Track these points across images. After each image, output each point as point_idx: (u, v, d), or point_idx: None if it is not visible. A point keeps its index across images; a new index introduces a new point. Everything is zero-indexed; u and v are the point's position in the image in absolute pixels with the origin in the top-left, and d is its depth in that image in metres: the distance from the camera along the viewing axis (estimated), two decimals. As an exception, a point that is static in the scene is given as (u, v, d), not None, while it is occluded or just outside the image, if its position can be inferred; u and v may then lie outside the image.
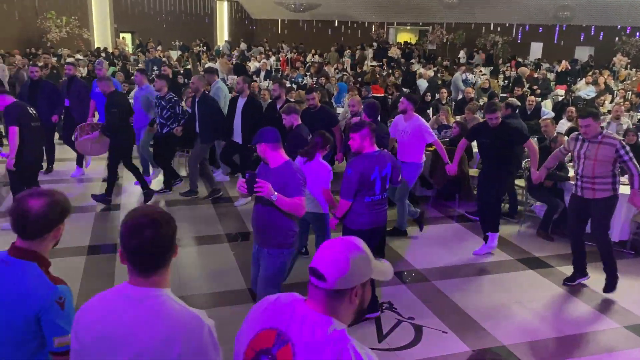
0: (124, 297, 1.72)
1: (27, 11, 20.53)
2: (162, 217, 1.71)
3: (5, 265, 2.05)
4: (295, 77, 15.05)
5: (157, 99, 7.46)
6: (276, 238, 3.70)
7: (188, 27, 26.66)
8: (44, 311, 2.00)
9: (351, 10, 25.86)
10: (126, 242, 1.68)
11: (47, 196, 2.07)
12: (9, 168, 5.77)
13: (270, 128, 3.66)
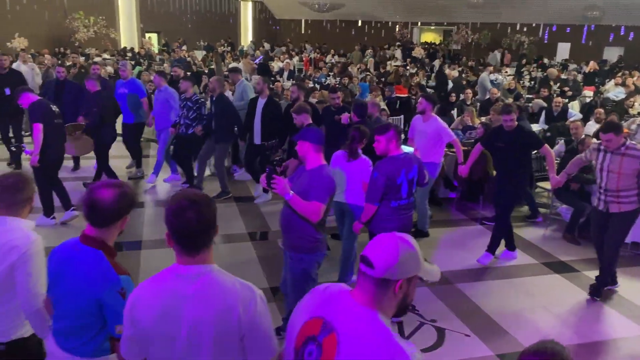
0: (177, 276, 1.83)
1: (57, 11, 20.94)
2: (202, 199, 1.84)
3: (76, 251, 2.22)
4: (318, 77, 15.05)
5: (183, 100, 7.54)
6: (295, 241, 3.68)
7: (213, 27, 26.87)
8: (106, 298, 2.15)
9: (375, 10, 25.75)
10: (170, 224, 1.81)
11: (116, 187, 2.21)
12: (33, 165, 5.88)
13: (318, 129, 3.63)
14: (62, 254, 2.27)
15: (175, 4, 25.55)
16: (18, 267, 2.42)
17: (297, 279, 3.74)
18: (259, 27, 29.77)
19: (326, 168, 3.60)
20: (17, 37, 18.16)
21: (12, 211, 2.55)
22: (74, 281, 2.19)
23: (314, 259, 3.71)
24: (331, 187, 3.54)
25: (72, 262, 2.21)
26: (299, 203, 3.47)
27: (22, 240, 2.45)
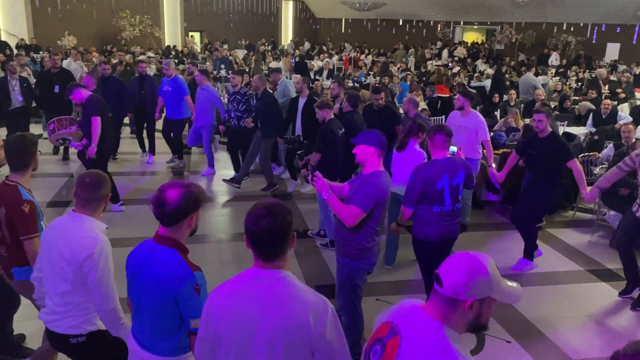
0: (254, 279, 1.89)
1: (104, 10, 21.55)
2: (279, 209, 1.89)
3: (151, 251, 2.29)
4: (358, 77, 14.99)
5: (232, 94, 7.88)
6: (342, 245, 3.64)
7: (254, 26, 27.15)
8: (182, 294, 2.20)
9: (418, 9, 25.47)
10: (248, 230, 1.88)
11: (183, 187, 2.27)
12: (91, 156, 6.12)
13: (381, 133, 3.52)
14: (137, 255, 2.34)
15: (218, 4, 25.92)
16: (88, 269, 2.53)
17: (341, 283, 3.71)
18: (300, 26, 29.90)
19: (381, 175, 3.45)
20: (66, 36, 18.78)
21: (88, 209, 2.64)
22: (150, 280, 2.25)
23: (359, 266, 3.61)
24: (380, 195, 3.41)
25: (148, 261, 2.28)
26: (335, 204, 3.44)
27: (90, 241, 2.55)
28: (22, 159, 3.11)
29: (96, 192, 2.63)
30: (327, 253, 5.78)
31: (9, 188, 3.07)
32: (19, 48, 17.22)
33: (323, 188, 3.43)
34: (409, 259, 5.55)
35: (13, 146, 3.11)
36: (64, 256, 2.57)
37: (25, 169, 3.13)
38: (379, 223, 3.55)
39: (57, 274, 2.61)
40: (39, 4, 19.52)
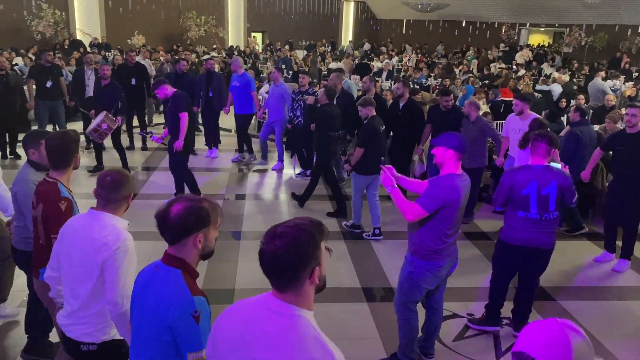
0: (266, 308, 1.64)
1: (171, 11, 22.30)
2: (300, 233, 1.59)
3: (156, 270, 2.09)
4: (419, 78, 14.80)
5: (299, 94, 8.15)
6: (411, 244, 3.62)
7: (315, 27, 27.34)
8: (178, 321, 1.95)
9: (482, 10, 24.86)
10: (260, 249, 1.61)
11: (189, 202, 2.05)
12: (178, 149, 6.48)
13: (462, 136, 3.52)
14: (145, 273, 2.14)
15: (280, 5, 26.28)
16: (108, 266, 2.41)
17: (402, 279, 3.69)
18: (360, 27, 29.85)
19: (455, 179, 3.41)
20: (136, 35, 19.56)
21: (109, 209, 2.52)
22: (152, 303, 2.03)
23: (426, 267, 3.56)
24: (448, 197, 3.37)
25: (152, 281, 2.07)
26: (398, 199, 3.50)
27: (113, 238, 2.43)
28: (63, 157, 3.04)
29: (117, 192, 2.51)
30: (383, 256, 5.74)
31: (49, 185, 3.01)
32: (92, 47, 18.09)
33: (388, 182, 3.54)
34: (467, 267, 5.43)
35: (54, 143, 3.04)
36: (82, 258, 2.47)
37: (66, 167, 3.07)
38: (450, 227, 3.48)
39: (74, 277, 2.53)
40: (112, 5, 20.44)
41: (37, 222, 3.03)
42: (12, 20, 18.05)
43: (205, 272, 5.10)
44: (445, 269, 3.61)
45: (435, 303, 3.81)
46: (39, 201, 3.01)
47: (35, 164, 3.46)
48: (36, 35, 18.01)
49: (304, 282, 1.60)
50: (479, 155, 6.60)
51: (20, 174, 3.47)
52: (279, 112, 8.56)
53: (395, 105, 7.39)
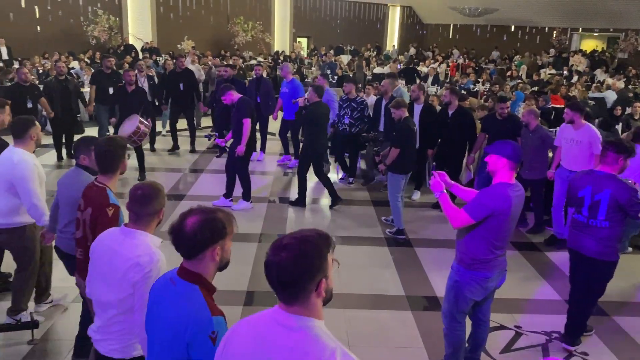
0: (276, 323, 1.60)
1: (220, 17, 22.76)
2: (306, 245, 1.56)
3: (171, 284, 2.01)
4: (466, 84, 14.59)
5: (346, 101, 8.14)
6: (458, 252, 3.58)
7: (360, 32, 27.35)
8: (195, 340, 1.89)
9: (532, 15, 24.27)
10: (266, 261, 1.58)
11: (204, 214, 1.98)
12: (240, 154, 6.69)
13: (518, 146, 3.46)
14: (159, 286, 2.08)
15: (326, 10, 26.42)
16: (139, 287, 2.37)
17: (448, 288, 3.65)
18: (405, 31, 29.66)
19: (506, 188, 3.34)
20: (185, 40, 20.05)
21: (141, 223, 2.47)
22: (165, 317, 1.97)
23: (471, 277, 3.49)
24: (496, 206, 3.29)
25: (167, 296, 2.00)
26: (446, 204, 3.49)
27: (146, 259, 2.38)
28: (109, 163, 3.08)
29: (147, 206, 2.45)
30: (428, 264, 5.68)
31: (98, 190, 3.04)
32: (144, 51, 18.66)
33: (437, 187, 3.55)
34: (515, 278, 5.31)
35: (101, 148, 3.08)
36: (113, 275, 2.43)
37: (113, 172, 3.10)
38: (499, 237, 3.40)
39: (104, 293, 2.50)
40: (163, 10, 21.04)
41: (85, 225, 3.04)
42: (69, 26, 18.84)
43: (250, 275, 5.18)
44: (493, 281, 3.52)
45: (482, 315, 3.73)
46: (87, 205, 3.04)
47: (87, 168, 3.54)
48: (91, 40, 18.72)
49: (311, 295, 1.58)
50: (539, 165, 6.40)
51: (76, 178, 3.51)
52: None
53: (444, 112, 7.32)
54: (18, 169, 3.87)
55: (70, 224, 3.50)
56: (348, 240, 6.24)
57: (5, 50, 15.91)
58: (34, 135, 4.04)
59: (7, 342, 4.01)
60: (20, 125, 4.01)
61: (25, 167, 3.88)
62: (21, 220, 4.08)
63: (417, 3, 28.71)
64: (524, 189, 3.50)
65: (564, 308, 4.39)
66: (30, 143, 4.04)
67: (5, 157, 4.00)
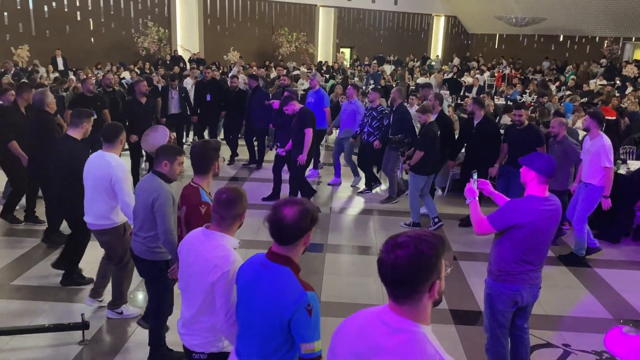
0: (382, 322, 1.63)
1: (265, 28, 23.16)
2: (422, 243, 1.56)
3: (264, 268, 2.20)
4: (512, 95, 14.32)
5: (369, 110, 8.13)
6: (489, 264, 3.54)
7: (404, 42, 27.30)
8: (294, 316, 2.10)
9: (582, 24, 23.63)
10: (379, 258, 1.61)
11: (299, 205, 2.17)
12: (301, 163, 6.93)
13: (550, 159, 3.42)
14: (250, 271, 2.26)
15: (369, 21, 26.51)
16: (218, 288, 2.48)
17: (484, 302, 3.61)
18: (450, 41, 29.40)
19: (533, 201, 3.30)
20: (231, 51, 20.49)
21: (223, 226, 2.58)
22: (262, 299, 2.17)
23: (500, 289, 3.45)
24: (518, 219, 3.27)
25: (260, 279, 2.19)
26: (474, 210, 3.50)
27: (222, 260, 2.48)
28: (203, 164, 3.28)
29: (231, 210, 2.56)
30: (471, 277, 5.58)
31: (192, 189, 3.27)
32: (191, 62, 19.16)
33: (471, 193, 3.55)
34: (563, 294, 5.16)
35: (196, 150, 3.29)
36: (195, 275, 2.57)
37: (205, 173, 3.29)
38: (527, 250, 3.33)
39: (190, 291, 2.65)
40: (210, 23, 21.58)
41: (181, 223, 3.30)
42: (121, 38, 19.57)
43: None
44: (522, 295, 3.44)
45: (518, 331, 3.65)
46: (183, 203, 3.30)
47: (163, 176, 3.61)
48: (141, 51, 19.37)
49: (424, 296, 1.57)
50: (561, 177, 6.18)
51: (151, 183, 3.58)
52: (351, 128, 8.55)
53: (469, 122, 7.28)
54: (116, 171, 4.13)
55: (142, 229, 3.67)
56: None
57: (61, 60, 16.66)
58: (123, 140, 4.35)
59: (58, 342, 4.17)
60: (112, 131, 4.29)
61: (122, 169, 4.17)
62: (119, 219, 4.34)
63: (463, 13, 28.44)
64: (559, 204, 3.42)
65: (613, 324, 4.24)
66: (119, 147, 4.32)
67: (101, 162, 4.21)
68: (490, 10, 24.59)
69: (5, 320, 4.45)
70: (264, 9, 23.09)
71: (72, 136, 4.72)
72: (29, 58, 16.31)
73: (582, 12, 22.87)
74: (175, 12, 20.83)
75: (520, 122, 6.63)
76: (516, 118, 6.70)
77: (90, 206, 4.33)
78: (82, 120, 4.71)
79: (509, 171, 6.60)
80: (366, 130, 8.07)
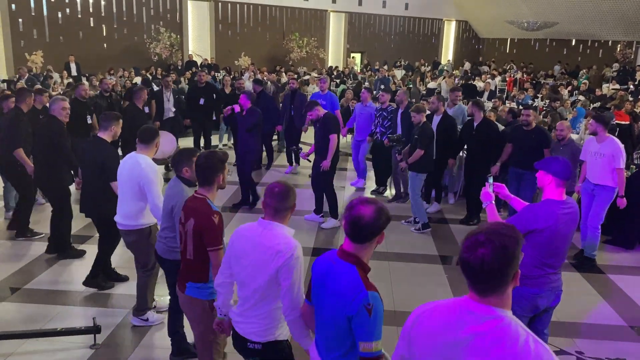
0: (467, 311, 1.69)
1: (276, 33, 23.25)
2: (501, 237, 1.64)
3: (332, 264, 2.28)
4: (524, 99, 14.23)
5: (379, 110, 8.35)
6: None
7: (414, 46, 27.28)
8: (354, 313, 2.14)
9: (595, 28, 23.46)
10: (462, 256, 1.68)
11: (374, 204, 2.23)
12: (325, 168, 6.85)
13: (567, 162, 3.41)
14: (322, 265, 2.34)
15: (380, 26, 26.52)
16: (282, 273, 2.56)
17: None
18: (461, 46, 29.33)
19: (551, 205, 3.29)
20: (242, 56, 20.60)
21: (278, 217, 2.68)
22: (328, 294, 2.25)
23: (519, 293, 3.34)
24: (533, 223, 3.25)
25: (329, 274, 2.27)
26: (491, 213, 3.50)
27: (286, 246, 2.58)
28: (208, 175, 3.17)
29: (284, 202, 2.66)
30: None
31: (199, 200, 3.17)
32: (202, 67, 19.29)
33: (487, 197, 3.55)
34: (575, 300, 5.10)
35: (202, 161, 3.19)
36: (254, 264, 2.64)
37: (211, 184, 3.19)
38: (548, 255, 3.31)
39: (247, 280, 2.70)
40: (221, 28, 21.71)
41: (187, 237, 3.18)
42: (133, 43, 19.75)
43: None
44: (542, 298, 3.40)
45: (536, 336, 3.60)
46: (189, 216, 3.16)
47: (187, 181, 3.64)
48: (153, 56, 19.53)
49: (508, 286, 1.67)
50: (570, 179, 6.21)
51: (174, 189, 3.64)
52: (366, 131, 8.71)
53: (469, 124, 7.34)
54: (146, 172, 4.12)
55: (165, 229, 3.76)
56: (402, 257, 6.19)
57: (74, 66, 16.84)
58: (158, 144, 4.36)
59: (70, 346, 4.20)
60: (148, 133, 4.31)
61: (152, 171, 4.15)
62: (147, 221, 4.34)
63: (473, 17, 28.37)
64: (576, 207, 3.40)
65: (629, 334, 4.19)
66: (153, 150, 4.33)
67: (132, 162, 4.23)
68: (501, 14, 24.52)
69: (18, 323, 4.50)
70: (275, 14, 23.19)
71: (102, 138, 4.79)
72: (42, 64, 16.51)
73: (594, 16, 22.72)
74: (187, 17, 20.98)
75: (527, 123, 6.65)
76: (524, 118, 6.72)
77: (120, 206, 4.37)
78: (111, 123, 4.78)
79: (517, 173, 6.68)
80: (378, 130, 8.31)
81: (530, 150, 6.42)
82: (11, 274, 5.43)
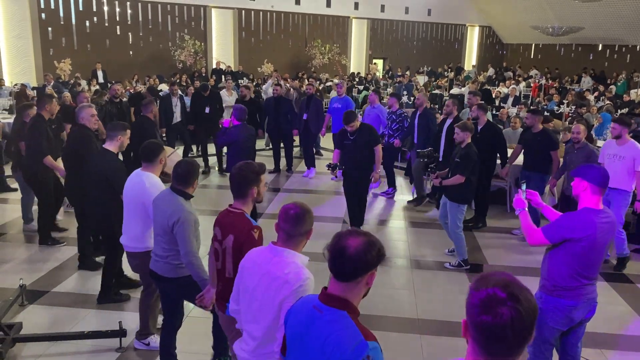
0: None
1: (298, 40, 23.36)
2: (522, 291, 1.42)
3: (317, 312, 1.92)
4: (549, 105, 14.04)
5: (389, 114, 8.69)
6: (541, 277, 3.45)
7: (437, 52, 27.11)
8: None
9: (622, 33, 23.00)
10: (476, 318, 1.43)
11: (365, 236, 1.92)
12: (376, 180, 6.93)
13: (603, 169, 3.37)
14: (302, 313, 1.99)
15: (402, 32, 26.44)
16: (286, 304, 2.33)
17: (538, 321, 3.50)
18: (485, 51, 29.06)
19: (588, 213, 3.22)
20: (265, 63, 20.74)
21: (290, 243, 2.46)
22: (317, 347, 1.88)
23: (554, 305, 3.33)
24: (571, 232, 3.19)
25: (314, 325, 1.91)
26: (525, 221, 3.48)
27: (294, 276, 2.36)
28: (241, 187, 3.02)
29: (299, 227, 2.43)
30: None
31: (236, 216, 3.00)
32: (227, 75, 19.48)
33: (520, 204, 3.56)
34: (605, 311, 4.99)
35: (235, 172, 3.03)
36: (262, 295, 2.44)
37: (245, 197, 3.03)
38: (585, 265, 3.24)
39: (254, 313, 2.50)
40: (245, 35, 21.91)
41: (226, 254, 2.99)
42: (159, 51, 20.05)
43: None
44: (578, 310, 3.33)
45: (569, 349, 3.53)
46: (227, 232, 2.96)
47: (184, 193, 3.51)
48: (178, 64, 19.79)
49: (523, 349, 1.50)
50: None
51: (173, 206, 3.45)
52: None
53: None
54: (150, 192, 3.88)
55: (164, 248, 3.57)
56: (425, 264, 6.13)
57: (101, 74, 17.19)
58: (163, 159, 4.12)
59: (96, 349, 4.27)
60: (150, 150, 4.07)
61: (157, 190, 3.86)
62: (150, 244, 3.96)
63: (497, 23, 28.10)
64: (614, 216, 3.34)
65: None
66: (158, 167, 4.11)
67: (136, 181, 4.06)
68: (526, 20, 24.24)
69: (45, 326, 4.59)
70: (298, 21, 23.31)
71: (108, 149, 4.64)
72: (70, 71, 16.87)
73: (621, 21, 22.30)
74: (211, 25, 21.22)
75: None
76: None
77: (127, 227, 4.19)
78: (117, 133, 4.60)
79: (525, 175, 6.65)
80: (387, 133, 8.61)
81: (536, 152, 6.61)
82: (38, 279, 5.53)
